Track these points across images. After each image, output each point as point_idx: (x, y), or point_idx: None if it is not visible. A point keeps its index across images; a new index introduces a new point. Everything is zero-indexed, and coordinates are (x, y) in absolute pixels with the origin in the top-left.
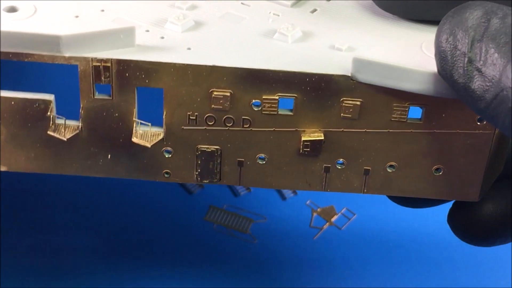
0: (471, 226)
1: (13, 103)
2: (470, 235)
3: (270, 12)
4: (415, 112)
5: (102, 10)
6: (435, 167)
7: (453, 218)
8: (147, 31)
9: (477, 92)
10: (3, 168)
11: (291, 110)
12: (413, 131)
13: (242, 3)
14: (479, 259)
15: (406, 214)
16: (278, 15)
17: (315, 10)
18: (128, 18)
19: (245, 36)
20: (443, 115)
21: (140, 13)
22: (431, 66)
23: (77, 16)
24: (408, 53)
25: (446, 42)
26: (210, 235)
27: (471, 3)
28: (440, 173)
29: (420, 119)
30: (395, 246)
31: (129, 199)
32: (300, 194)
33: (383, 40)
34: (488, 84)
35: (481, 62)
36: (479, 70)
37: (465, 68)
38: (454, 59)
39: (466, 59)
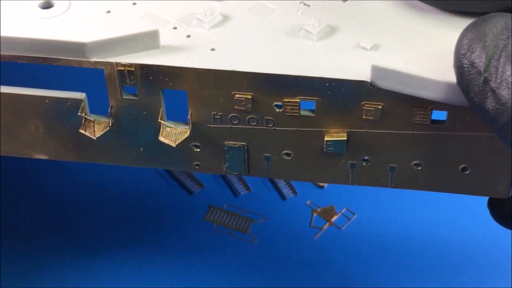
0: (507, 216)
1: (47, 101)
2: (507, 224)
3: (301, 3)
4: (440, 113)
5: (134, 3)
6: (461, 166)
7: (491, 206)
8: (175, 28)
9: (491, 113)
10: (44, 157)
11: (313, 111)
12: (437, 133)
13: None
14: (479, 259)
15: (406, 214)
16: (309, 6)
17: None
18: (158, 12)
19: (270, 33)
20: (468, 119)
21: (170, 6)
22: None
23: (109, 11)
24: (435, 54)
25: (463, 57)
26: (210, 235)
27: (493, 16)
28: (467, 172)
29: (444, 121)
30: (395, 246)
31: (129, 199)
32: (300, 194)
33: (412, 37)
34: (502, 107)
35: (496, 83)
36: (493, 91)
37: (480, 87)
38: (470, 76)
39: (482, 78)
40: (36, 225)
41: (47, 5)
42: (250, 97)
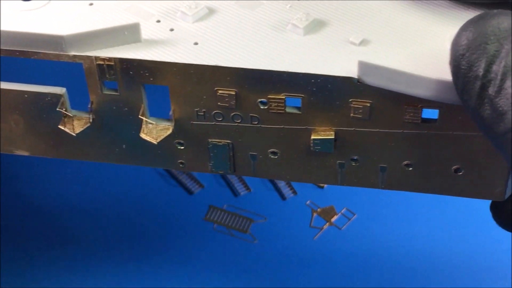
0: (508, 219)
1: (26, 96)
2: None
3: None
4: (431, 111)
5: None
6: (454, 167)
7: (493, 209)
8: (158, 21)
9: (486, 121)
10: (25, 153)
11: (299, 109)
12: (428, 132)
13: None
14: (479, 259)
15: (405, 214)
16: (298, 0)
17: None
18: (142, 5)
19: (257, 27)
20: (460, 118)
21: None
22: (448, 68)
23: (91, 4)
24: (428, 50)
25: (461, 58)
26: (210, 235)
27: (495, 14)
28: (461, 173)
29: (435, 120)
30: (394, 246)
31: (129, 199)
32: (300, 194)
33: (405, 33)
34: (498, 117)
35: (495, 91)
36: (490, 99)
37: (477, 92)
38: (467, 79)
39: (480, 84)
40: (37, 225)
41: None
42: (233, 93)
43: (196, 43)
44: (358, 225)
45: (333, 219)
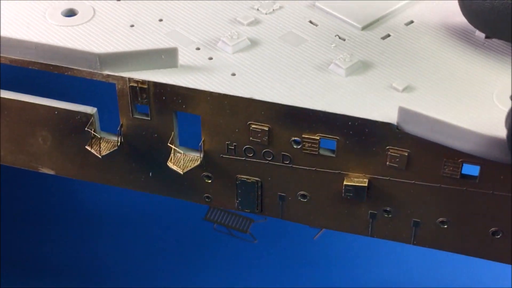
0: None
1: (56, 112)
2: None
3: (336, 36)
4: (472, 167)
5: (160, 20)
6: (492, 229)
7: None
8: (198, 49)
9: None
10: (51, 172)
11: (333, 151)
12: (467, 189)
13: (310, 22)
14: (479, 259)
15: None
16: (344, 40)
17: (388, 35)
18: (184, 32)
19: (298, 63)
20: (502, 177)
21: (198, 26)
22: (494, 123)
23: (132, 25)
24: (477, 101)
25: None
26: (210, 235)
27: None
28: (498, 236)
29: (476, 177)
30: (395, 246)
31: (129, 199)
32: None
33: (454, 81)
34: None
35: None
36: None
37: None
38: None
39: None
40: (37, 226)
41: (70, 13)
42: (267, 129)
43: (233, 74)
44: None
45: None
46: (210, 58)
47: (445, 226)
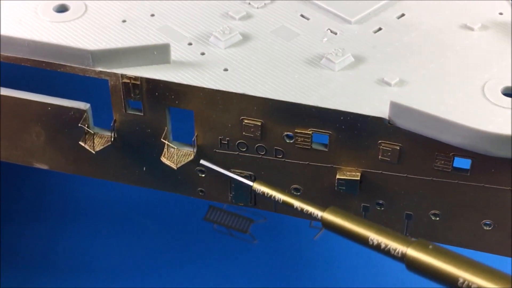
0: None
1: (49, 108)
2: None
3: (327, 29)
4: (463, 161)
5: (152, 15)
6: (484, 221)
7: None
8: (190, 44)
9: None
10: (45, 167)
11: (326, 146)
12: (459, 182)
13: (301, 16)
14: (479, 259)
15: None
16: (336, 33)
17: (379, 29)
18: (176, 27)
19: (290, 58)
20: (493, 170)
21: (189, 21)
22: (485, 117)
23: (124, 21)
24: (465, 95)
25: None
26: (210, 235)
27: None
28: (490, 228)
29: (467, 170)
30: None
31: (128, 198)
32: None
33: (442, 74)
34: None
35: None
36: None
37: None
38: None
39: None
40: (37, 226)
41: (61, 9)
42: (259, 124)
43: (226, 69)
44: None
45: None
46: (203, 53)
47: (438, 219)
